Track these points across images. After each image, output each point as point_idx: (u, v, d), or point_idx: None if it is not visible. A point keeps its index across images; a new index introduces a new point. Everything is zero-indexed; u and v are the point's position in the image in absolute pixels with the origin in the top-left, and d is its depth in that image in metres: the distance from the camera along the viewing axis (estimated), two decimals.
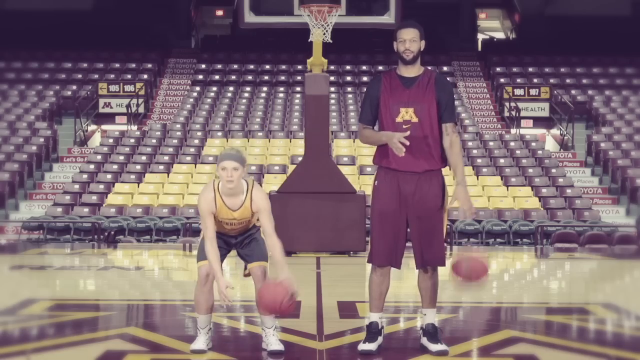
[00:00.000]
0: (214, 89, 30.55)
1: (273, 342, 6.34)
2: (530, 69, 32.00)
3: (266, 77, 31.60)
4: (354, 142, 25.34)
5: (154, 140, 25.52)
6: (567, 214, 21.09)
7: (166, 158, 24.16)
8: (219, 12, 38.54)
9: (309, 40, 15.48)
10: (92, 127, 28.52)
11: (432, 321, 6.39)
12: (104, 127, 28.42)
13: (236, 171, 6.18)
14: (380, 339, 6.34)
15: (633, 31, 32.38)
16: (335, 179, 15.25)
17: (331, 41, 15.27)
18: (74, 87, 29.82)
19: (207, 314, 6.38)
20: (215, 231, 6.32)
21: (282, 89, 30.62)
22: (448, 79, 30.76)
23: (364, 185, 21.24)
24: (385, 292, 6.41)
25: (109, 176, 23.00)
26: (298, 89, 29.75)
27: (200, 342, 6.32)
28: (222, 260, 6.38)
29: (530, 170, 23.58)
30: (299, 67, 30.52)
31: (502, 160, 24.19)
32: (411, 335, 7.14)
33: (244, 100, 29.68)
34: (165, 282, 12.07)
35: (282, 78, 31.48)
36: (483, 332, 7.54)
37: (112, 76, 30.74)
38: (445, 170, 6.46)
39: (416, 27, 6.35)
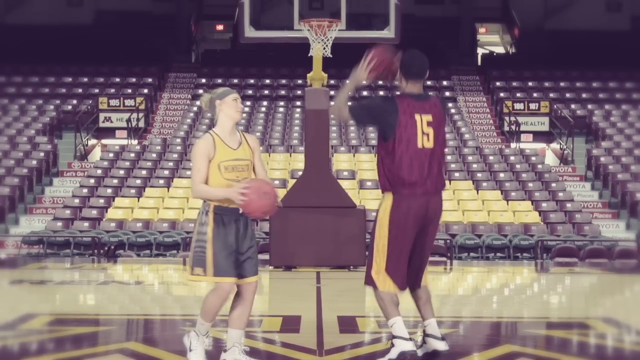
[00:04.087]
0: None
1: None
2: (530, 83, 32.04)
3: (266, 92, 31.64)
4: (354, 156, 25.35)
5: (154, 155, 25.54)
6: (567, 229, 21.08)
7: (166, 172, 24.16)
8: (219, 27, 38.63)
9: (309, 55, 15.51)
10: (93, 141, 28.54)
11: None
12: (104, 141, 28.45)
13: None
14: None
15: (632, 46, 32.46)
16: (335, 193, 15.25)
17: (331, 56, 15.30)
18: (75, 102, 29.86)
19: (212, 322, 6.31)
20: (206, 177, 6.18)
21: (282, 103, 30.65)
22: (448, 93, 30.96)
23: (364, 199, 21.24)
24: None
25: (109, 190, 23.00)
26: (298, 103, 29.79)
27: (200, 354, 6.26)
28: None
29: (530, 184, 23.59)
30: (299, 81, 30.55)
31: (502, 175, 24.19)
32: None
33: (244, 115, 29.70)
34: (165, 297, 12.06)
35: (282, 92, 31.53)
36: (483, 347, 7.53)
37: (113, 90, 30.79)
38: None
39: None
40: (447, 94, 30.93)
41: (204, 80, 32.34)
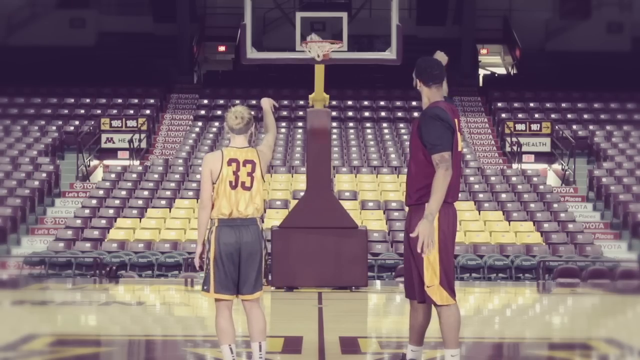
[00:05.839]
0: (216, 124, 30.62)
1: None
2: (532, 104, 32.08)
3: None
4: (355, 177, 25.36)
5: (156, 176, 25.56)
6: (569, 249, 21.07)
7: (168, 193, 24.17)
8: (221, 48, 38.71)
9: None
10: (95, 162, 28.57)
11: None
12: (106, 162, 28.47)
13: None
14: None
15: (633, 67, 32.50)
16: (337, 214, 15.25)
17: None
18: (77, 123, 29.91)
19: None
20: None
21: (284, 124, 30.68)
22: None
23: (366, 220, 21.24)
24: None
25: (111, 211, 23.00)
26: (300, 124, 29.83)
27: None
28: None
29: (532, 205, 23.58)
30: (301, 102, 30.61)
31: (503, 195, 24.19)
32: None
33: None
34: (167, 318, 12.05)
35: (284, 113, 31.56)
36: None
37: (115, 111, 30.84)
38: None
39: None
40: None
41: (205, 102, 32.42)
